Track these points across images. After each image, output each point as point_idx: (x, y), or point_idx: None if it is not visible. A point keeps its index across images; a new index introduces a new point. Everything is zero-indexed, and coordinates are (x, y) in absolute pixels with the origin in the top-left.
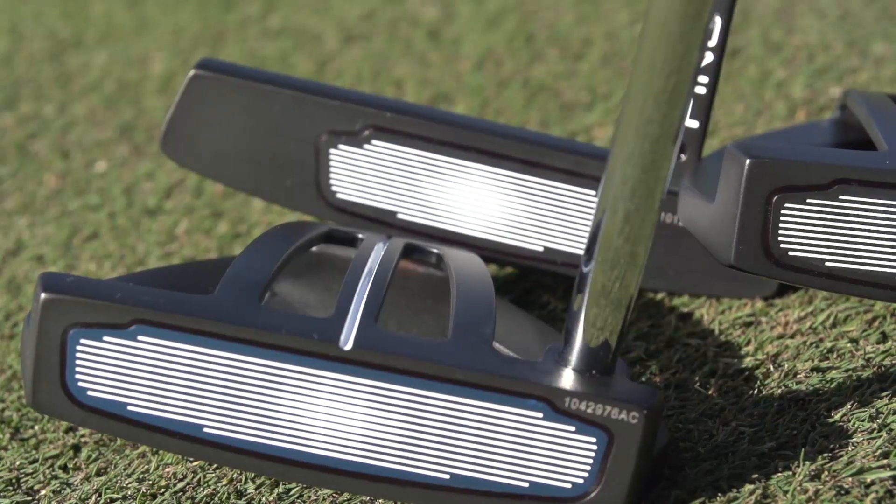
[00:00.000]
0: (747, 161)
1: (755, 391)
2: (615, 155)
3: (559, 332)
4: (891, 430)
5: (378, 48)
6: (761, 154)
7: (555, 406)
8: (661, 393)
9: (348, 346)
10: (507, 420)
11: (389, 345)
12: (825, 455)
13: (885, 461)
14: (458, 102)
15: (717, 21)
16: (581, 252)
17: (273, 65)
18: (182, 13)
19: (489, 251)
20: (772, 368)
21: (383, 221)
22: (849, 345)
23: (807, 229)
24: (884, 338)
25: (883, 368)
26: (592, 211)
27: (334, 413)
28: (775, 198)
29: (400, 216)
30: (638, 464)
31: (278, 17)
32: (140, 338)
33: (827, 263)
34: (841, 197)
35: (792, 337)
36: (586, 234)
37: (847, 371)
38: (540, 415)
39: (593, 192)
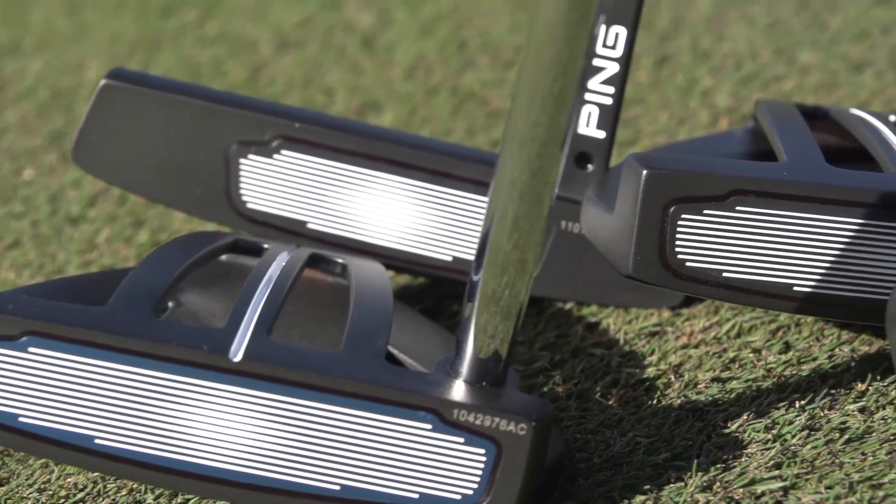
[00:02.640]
0: (644, 172)
1: (655, 401)
2: (503, 160)
3: None
4: (785, 440)
5: (312, 55)
6: (658, 165)
7: (443, 418)
8: (551, 405)
9: (238, 358)
10: (396, 431)
11: (279, 357)
12: (718, 466)
13: (776, 472)
14: (386, 110)
15: (622, 31)
16: None
17: (206, 72)
18: (121, 20)
19: (399, 261)
20: (673, 378)
21: (294, 231)
22: (751, 355)
23: (704, 240)
24: (786, 347)
25: (783, 379)
26: None
27: (226, 425)
28: (672, 209)
29: (310, 226)
30: (527, 475)
31: (216, 24)
32: (31, 350)
33: (724, 274)
34: (738, 208)
35: (696, 347)
36: None
37: (747, 381)
38: (429, 426)
39: None
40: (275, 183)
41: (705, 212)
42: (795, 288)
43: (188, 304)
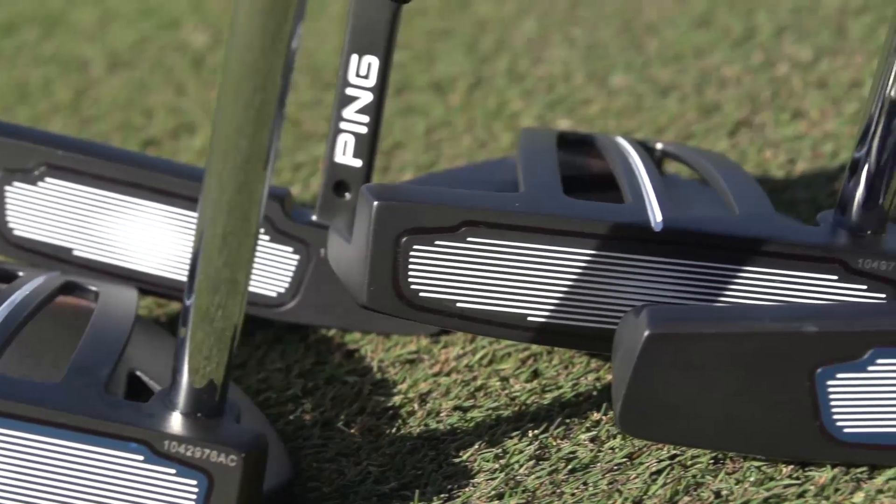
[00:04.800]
0: (375, 203)
1: (395, 430)
2: (209, 177)
3: None
4: (511, 470)
5: (141, 76)
6: (389, 197)
7: (154, 449)
8: (266, 436)
9: None
10: (109, 463)
11: None
12: (443, 495)
13: (496, 502)
14: (200, 132)
15: (374, 61)
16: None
17: (34, 91)
18: None
19: (162, 287)
20: (417, 407)
21: (60, 258)
22: (498, 383)
23: (437, 270)
24: (534, 376)
25: (524, 407)
26: (261, 249)
27: None
28: (404, 239)
29: (76, 253)
30: None
31: (53, 43)
32: None
33: (458, 304)
34: (469, 239)
35: (447, 375)
36: None
37: (488, 410)
38: (141, 457)
39: (262, 230)
40: (40, 210)
41: (437, 243)
42: (530, 318)
43: None
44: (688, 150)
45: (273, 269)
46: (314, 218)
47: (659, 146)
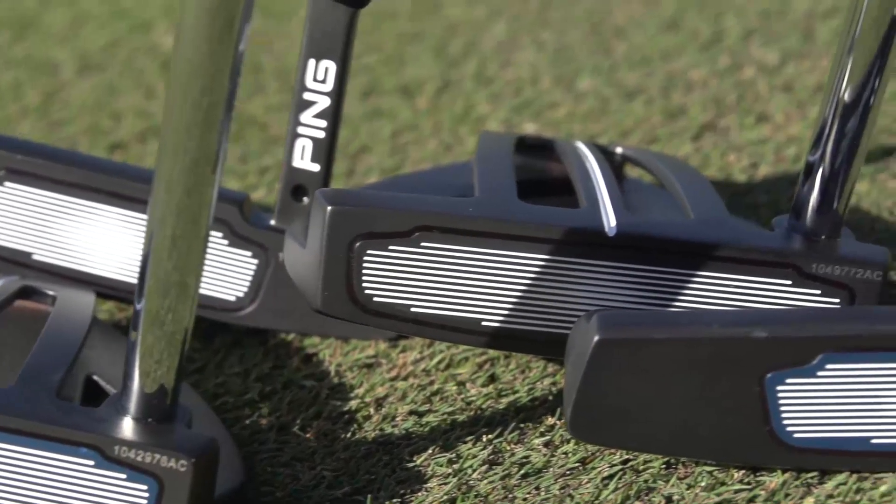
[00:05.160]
0: (329, 208)
1: (350, 434)
2: (158, 180)
3: None
4: (464, 475)
5: (111, 79)
6: (343, 202)
7: (105, 454)
8: (218, 441)
9: None
10: (61, 468)
11: None
12: (395, 500)
13: None
14: None
15: (332, 66)
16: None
17: (5, 95)
18: None
19: (122, 292)
20: (373, 411)
21: (20, 262)
22: (455, 388)
23: (391, 275)
24: (491, 380)
25: (479, 412)
26: (220, 254)
27: None
28: (357, 244)
29: (35, 257)
30: None
31: (24, 46)
32: None
33: (413, 309)
34: (423, 244)
35: (405, 379)
36: None
37: (444, 415)
38: (91, 462)
39: (221, 234)
40: (0, 214)
41: (391, 248)
42: (484, 323)
43: None
44: (647, 154)
45: (232, 274)
46: (273, 222)
47: (619, 150)
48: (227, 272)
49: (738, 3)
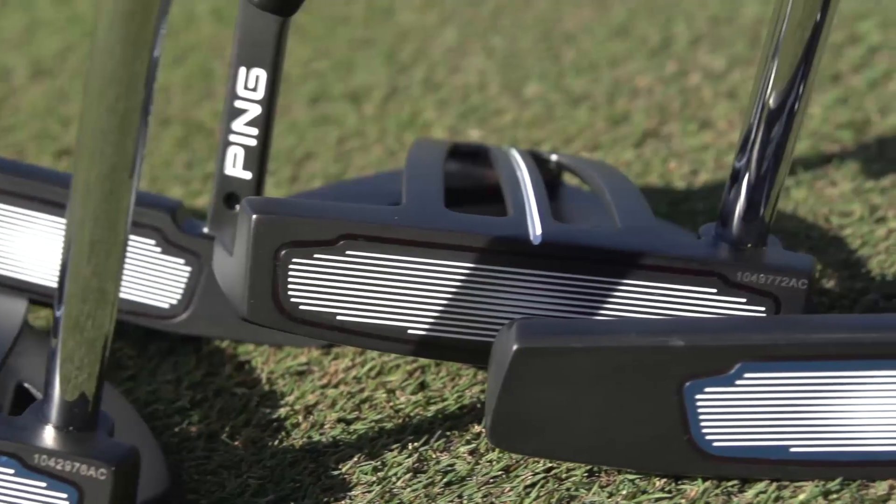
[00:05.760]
0: (254, 217)
1: (278, 442)
2: (75, 186)
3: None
4: (388, 482)
5: (62, 85)
6: (268, 210)
7: (25, 463)
8: (136, 450)
9: None
10: None
11: None
12: None
13: None
14: None
15: (262, 74)
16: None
17: None
18: None
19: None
20: (302, 419)
21: None
22: (384, 395)
23: (316, 284)
24: (420, 388)
25: (406, 420)
26: (153, 261)
27: None
28: (283, 253)
29: None
30: None
31: None
32: None
33: (338, 317)
34: (347, 252)
35: (335, 386)
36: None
37: (372, 422)
38: (11, 471)
39: (153, 241)
40: None
41: (316, 256)
42: (410, 331)
43: None
44: (580, 161)
45: (165, 281)
46: (206, 230)
47: (554, 158)
48: (160, 280)
49: (688, 8)
